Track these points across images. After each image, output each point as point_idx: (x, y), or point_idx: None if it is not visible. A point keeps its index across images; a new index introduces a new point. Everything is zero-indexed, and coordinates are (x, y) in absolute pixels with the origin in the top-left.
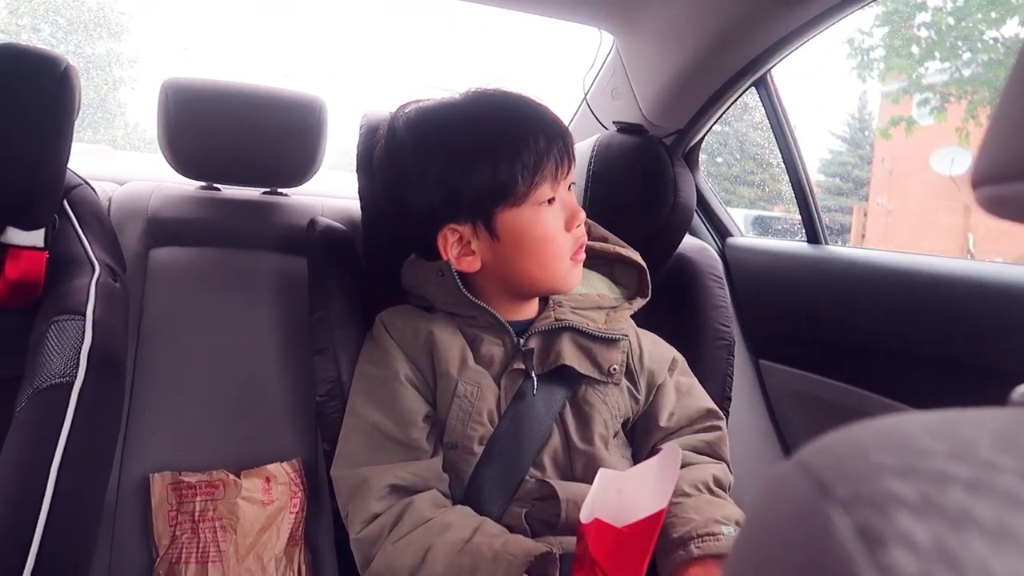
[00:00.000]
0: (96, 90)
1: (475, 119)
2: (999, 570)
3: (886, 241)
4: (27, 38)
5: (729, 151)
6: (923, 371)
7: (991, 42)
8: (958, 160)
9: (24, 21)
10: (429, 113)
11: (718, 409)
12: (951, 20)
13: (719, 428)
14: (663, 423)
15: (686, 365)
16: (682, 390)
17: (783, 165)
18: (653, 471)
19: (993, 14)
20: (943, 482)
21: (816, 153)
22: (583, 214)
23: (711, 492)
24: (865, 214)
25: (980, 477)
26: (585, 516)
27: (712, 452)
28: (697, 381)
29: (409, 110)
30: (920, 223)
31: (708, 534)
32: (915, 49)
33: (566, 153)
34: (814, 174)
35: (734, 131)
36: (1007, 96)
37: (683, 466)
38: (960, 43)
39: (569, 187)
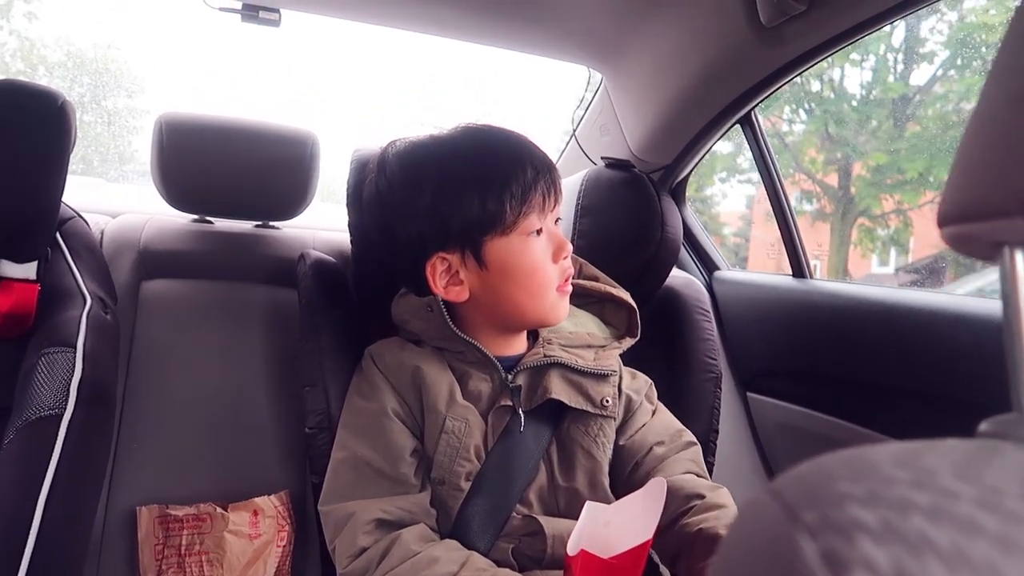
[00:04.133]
0: (113, 136)
1: (465, 151)
2: None
3: (753, 263)
4: None
5: None
6: (908, 404)
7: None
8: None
9: (59, 83)
10: (419, 146)
11: (683, 427)
12: None
13: (694, 442)
14: (644, 450)
15: (654, 390)
16: (652, 413)
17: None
18: (639, 504)
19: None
20: (904, 509)
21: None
22: (570, 246)
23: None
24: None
25: (939, 504)
26: (572, 548)
27: (700, 471)
28: (661, 404)
29: (400, 144)
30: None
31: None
32: None
33: (553, 186)
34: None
35: None
36: (967, 140)
37: (697, 495)
38: None
39: (556, 221)
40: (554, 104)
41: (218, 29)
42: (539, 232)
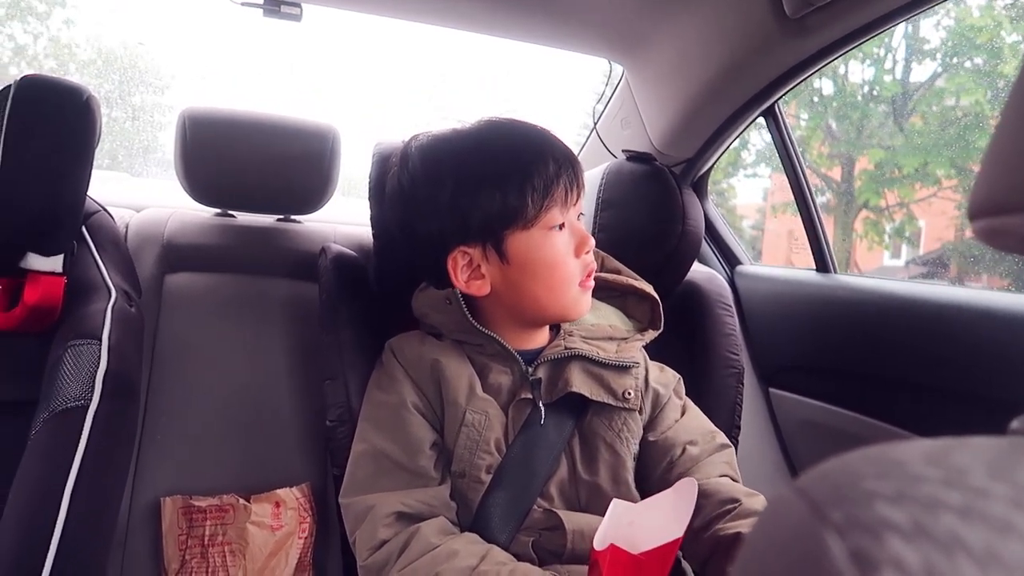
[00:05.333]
0: (138, 131)
1: (487, 144)
2: None
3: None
4: None
5: None
6: (932, 400)
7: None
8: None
9: (89, 80)
10: (441, 140)
11: (715, 428)
12: None
13: (728, 445)
14: (677, 450)
15: (682, 385)
16: (683, 410)
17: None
18: (669, 503)
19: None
20: (935, 508)
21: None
22: (592, 241)
23: None
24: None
25: (971, 503)
26: (599, 543)
27: (735, 475)
28: (691, 401)
29: (422, 138)
30: (791, 242)
31: None
32: None
33: (575, 180)
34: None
35: None
36: (1000, 132)
37: (733, 500)
38: None
39: (579, 216)
40: (565, 104)
41: (221, 26)
42: (561, 227)
